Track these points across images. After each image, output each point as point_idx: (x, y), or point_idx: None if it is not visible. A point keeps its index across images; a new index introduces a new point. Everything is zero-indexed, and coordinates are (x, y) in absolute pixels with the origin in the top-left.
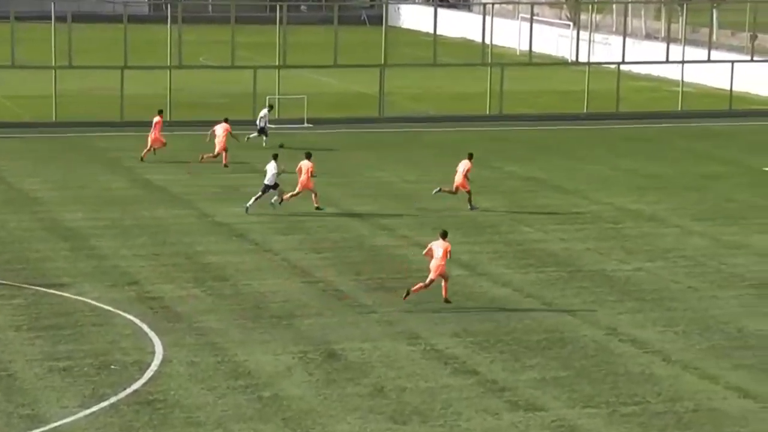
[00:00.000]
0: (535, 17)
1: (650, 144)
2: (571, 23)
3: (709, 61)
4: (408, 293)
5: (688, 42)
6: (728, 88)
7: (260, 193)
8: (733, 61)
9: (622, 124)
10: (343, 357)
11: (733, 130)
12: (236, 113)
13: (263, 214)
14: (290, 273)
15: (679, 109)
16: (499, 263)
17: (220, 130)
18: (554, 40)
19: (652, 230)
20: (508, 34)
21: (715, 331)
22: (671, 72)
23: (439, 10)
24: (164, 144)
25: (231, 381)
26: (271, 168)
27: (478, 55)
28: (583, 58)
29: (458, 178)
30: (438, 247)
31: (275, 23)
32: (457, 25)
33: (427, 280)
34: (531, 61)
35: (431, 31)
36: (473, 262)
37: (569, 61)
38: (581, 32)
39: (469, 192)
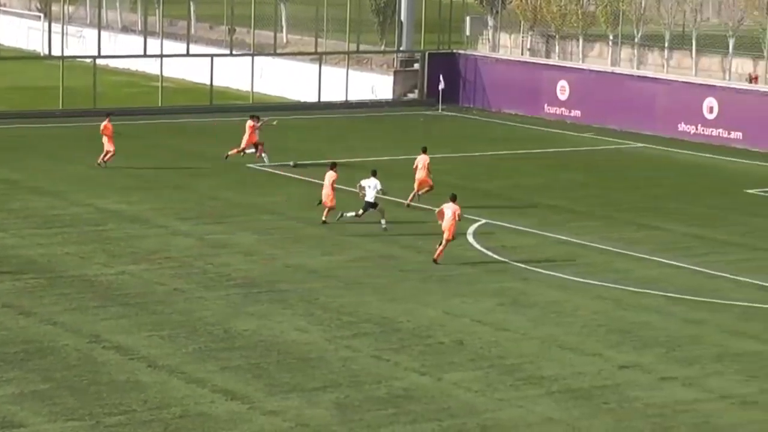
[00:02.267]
0: (1, 8)
1: (132, 141)
2: (42, 15)
3: (188, 55)
4: (435, 261)
5: (166, 35)
6: (208, 82)
7: (361, 211)
8: (212, 55)
9: (100, 121)
10: None
11: (215, 126)
12: None
13: None
14: None
15: (160, 104)
16: None
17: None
18: (25, 32)
19: (136, 232)
20: None
21: (202, 333)
22: (150, 66)
23: None
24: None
25: None
26: (372, 184)
27: None
28: (56, 52)
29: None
30: (448, 208)
31: None
32: None
33: (443, 241)
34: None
35: None
36: None
37: (42, 54)
38: (53, 24)
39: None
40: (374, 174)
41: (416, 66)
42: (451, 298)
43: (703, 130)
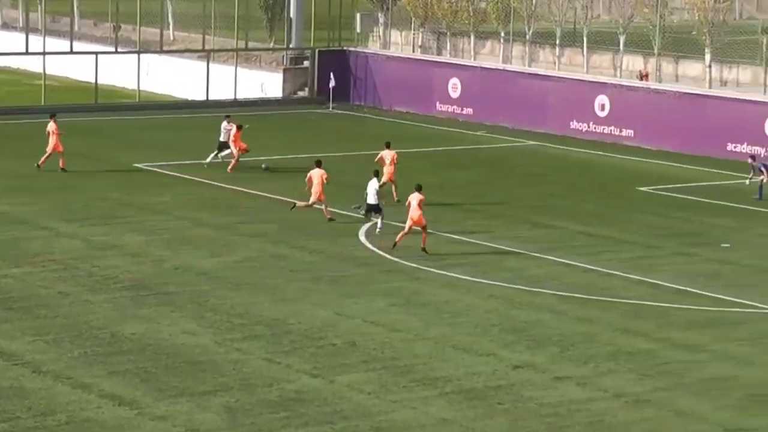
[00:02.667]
0: None
1: (15, 141)
2: None
3: (71, 52)
4: (395, 244)
5: (49, 32)
6: (93, 80)
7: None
8: (96, 53)
9: None
10: None
11: (101, 125)
12: None
13: None
14: None
15: (43, 103)
16: None
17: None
18: None
19: (20, 234)
20: None
21: (88, 337)
22: (33, 64)
23: None
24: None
25: None
26: (373, 185)
27: None
28: None
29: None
30: (414, 198)
31: None
32: None
33: (406, 228)
34: None
35: None
36: None
37: None
38: None
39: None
40: (376, 174)
41: (306, 63)
42: (343, 298)
43: (595, 128)
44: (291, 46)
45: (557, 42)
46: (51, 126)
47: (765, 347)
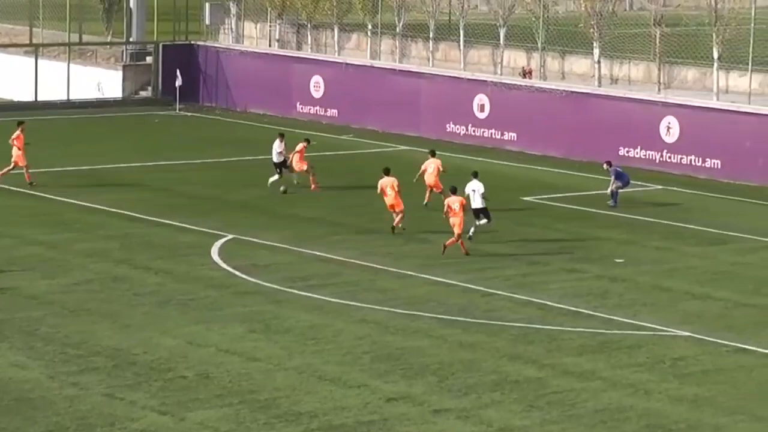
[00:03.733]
0: None
1: None
2: None
3: None
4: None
5: None
6: None
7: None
8: None
9: None
10: None
11: None
12: None
13: None
14: None
15: None
16: None
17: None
18: None
19: None
20: None
21: None
22: None
23: None
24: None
25: None
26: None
27: None
28: None
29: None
30: (455, 202)
31: None
32: None
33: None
34: None
35: None
36: None
37: None
38: None
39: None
40: (476, 176)
41: (149, 60)
42: (194, 324)
43: (473, 131)
44: (131, 39)
45: (431, 35)
46: (16, 135)
47: (663, 373)
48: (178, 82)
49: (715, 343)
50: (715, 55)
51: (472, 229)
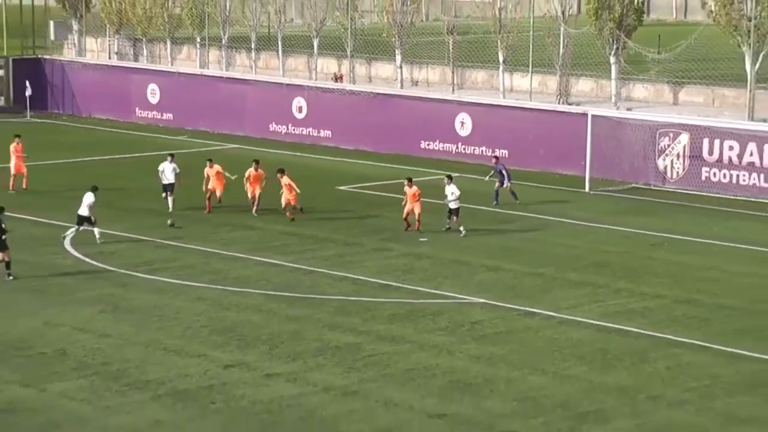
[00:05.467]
0: None
1: None
2: None
3: None
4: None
5: None
6: None
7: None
8: None
9: None
10: None
11: None
12: None
13: None
14: None
15: None
16: None
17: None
18: None
19: None
20: None
21: None
22: None
23: None
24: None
25: None
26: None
27: None
28: None
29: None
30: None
31: None
32: None
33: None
34: None
35: None
36: None
37: None
38: None
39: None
40: (450, 179)
41: (0, 72)
42: (49, 308)
43: (293, 130)
44: None
45: (253, 46)
46: (14, 146)
47: (462, 336)
48: (28, 92)
49: (507, 308)
50: (501, 59)
51: (447, 226)
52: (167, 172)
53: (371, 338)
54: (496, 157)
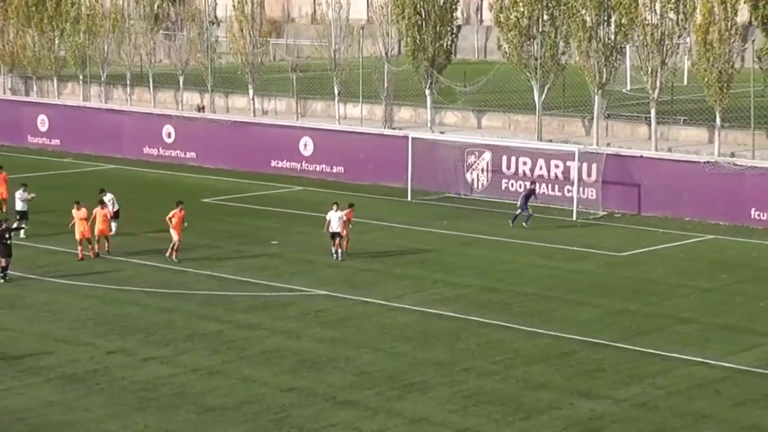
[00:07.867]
0: None
1: None
2: None
3: None
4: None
5: None
6: None
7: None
8: None
9: None
10: None
11: None
12: None
13: None
14: None
15: None
16: None
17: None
18: None
19: None
20: None
21: None
22: None
23: None
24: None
25: None
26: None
27: None
28: None
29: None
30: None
31: None
32: None
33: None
34: None
35: None
36: None
37: None
38: None
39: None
40: (337, 206)
41: None
42: None
43: (164, 152)
44: None
45: (128, 82)
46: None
47: (308, 322)
48: None
49: (345, 298)
50: (336, 92)
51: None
52: (17, 201)
53: (232, 326)
54: (533, 182)
